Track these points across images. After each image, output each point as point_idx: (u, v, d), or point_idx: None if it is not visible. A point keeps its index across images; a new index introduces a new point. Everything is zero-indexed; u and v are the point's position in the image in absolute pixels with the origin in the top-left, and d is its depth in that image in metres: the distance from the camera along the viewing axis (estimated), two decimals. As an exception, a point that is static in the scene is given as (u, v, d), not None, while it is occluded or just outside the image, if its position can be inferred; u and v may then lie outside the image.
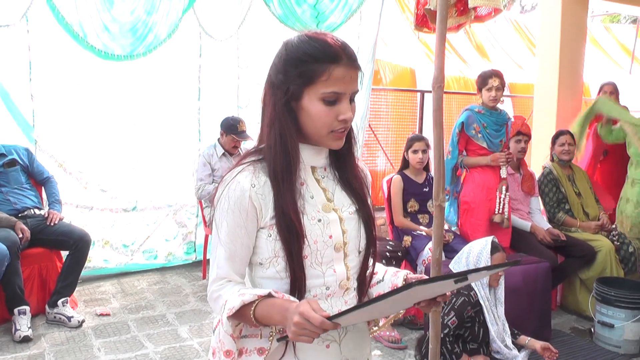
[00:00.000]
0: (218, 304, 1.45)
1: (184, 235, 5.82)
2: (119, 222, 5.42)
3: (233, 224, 1.43)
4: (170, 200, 5.69)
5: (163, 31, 5.21)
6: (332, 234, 1.48)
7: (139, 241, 5.56)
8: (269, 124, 1.46)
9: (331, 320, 1.26)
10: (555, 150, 5.11)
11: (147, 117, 5.40)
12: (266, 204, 1.44)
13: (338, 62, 1.40)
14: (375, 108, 7.35)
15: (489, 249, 3.34)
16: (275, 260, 1.46)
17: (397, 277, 1.60)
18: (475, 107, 4.53)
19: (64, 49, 4.91)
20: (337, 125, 1.44)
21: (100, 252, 5.31)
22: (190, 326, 4.37)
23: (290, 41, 1.47)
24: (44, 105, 4.93)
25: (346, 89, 1.42)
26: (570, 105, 6.50)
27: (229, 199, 1.43)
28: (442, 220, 2.45)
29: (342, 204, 1.54)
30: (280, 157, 1.43)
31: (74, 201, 5.17)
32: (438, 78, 2.40)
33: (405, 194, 4.62)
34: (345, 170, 1.57)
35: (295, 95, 1.42)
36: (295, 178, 1.45)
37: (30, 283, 4.39)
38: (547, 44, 6.50)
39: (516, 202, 4.87)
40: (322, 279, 1.48)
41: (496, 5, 2.94)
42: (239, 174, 1.45)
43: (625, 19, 15.79)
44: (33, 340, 4.02)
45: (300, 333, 1.27)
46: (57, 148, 5.06)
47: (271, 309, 1.36)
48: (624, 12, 11.29)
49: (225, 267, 1.46)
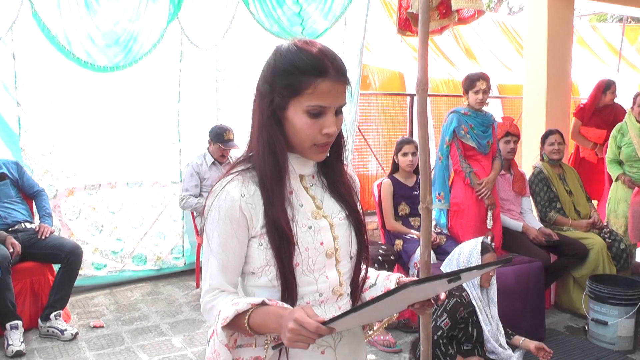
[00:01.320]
0: (212, 314, 1.44)
1: (170, 239, 5.83)
2: (106, 227, 5.47)
3: (224, 234, 1.43)
4: (154, 202, 5.72)
5: (148, 42, 5.27)
6: (323, 240, 1.48)
7: (128, 247, 5.58)
8: (257, 132, 1.46)
9: (326, 325, 1.26)
10: (545, 150, 5.13)
11: (129, 120, 5.46)
12: (256, 213, 1.43)
13: (325, 76, 1.39)
14: (365, 113, 7.36)
15: (479, 249, 3.34)
16: (267, 269, 1.45)
17: (389, 280, 1.60)
18: (461, 109, 4.55)
19: (48, 57, 4.97)
20: (320, 138, 1.42)
21: (90, 258, 5.33)
22: (184, 336, 4.35)
23: (279, 50, 1.45)
24: (30, 111, 4.97)
25: (331, 103, 1.41)
26: (559, 105, 6.54)
27: (219, 209, 1.43)
28: (430, 223, 2.45)
29: (332, 210, 1.54)
30: (269, 165, 1.43)
31: (61, 205, 5.23)
32: (422, 81, 2.41)
33: (396, 197, 4.62)
34: (333, 178, 1.57)
35: (280, 105, 1.42)
36: (285, 186, 1.45)
37: (22, 297, 4.37)
38: (534, 44, 6.54)
39: (507, 203, 4.88)
40: (315, 285, 1.48)
41: (478, 7, 2.95)
42: (228, 183, 1.44)
43: (612, 18, 15.90)
44: (26, 355, 4.00)
45: (296, 339, 1.26)
46: (43, 154, 5.10)
47: (265, 317, 1.36)
48: (611, 11, 11.36)
49: (218, 278, 1.46)
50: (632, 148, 5.10)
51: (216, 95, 5.89)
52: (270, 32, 5.72)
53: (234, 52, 5.81)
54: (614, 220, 5.16)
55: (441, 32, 3.33)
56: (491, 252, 3.40)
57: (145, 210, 5.67)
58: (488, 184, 4.50)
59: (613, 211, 5.19)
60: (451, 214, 4.64)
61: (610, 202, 5.24)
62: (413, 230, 4.55)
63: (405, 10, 3.17)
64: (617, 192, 5.21)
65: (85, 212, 5.36)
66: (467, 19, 3.25)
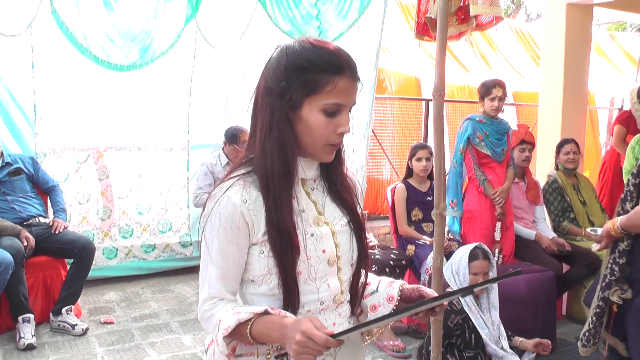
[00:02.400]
0: (211, 323, 1.41)
1: (177, 227, 5.92)
2: (115, 212, 5.59)
3: (225, 241, 1.39)
4: (162, 189, 5.81)
5: (165, 41, 5.34)
6: (326, 248, 1.45)
7: (137, 233, 5.70)
8: (265, 133, 1.39)
9: (335, 338, 1.24)
10: (560, 159, 5.09)
11: (142, 112, 5.55)
12: (258, 219, 1.39)
13: (342, 74, 1.37)
14: (380, 117, 7.36)
15: (467, 257, 3.35)
16: (269, 277, 1.41)
17: (392, 287, 1.57)
18: (477, 116, 4.54)
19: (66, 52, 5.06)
20: (334, 138, 1.40)
21: (100, 244, 5.43)
22: (194, 334, 4.37)
23: (291, 46, 1.40)
24: (45, 100, 5.08)
25: (348, 101, 1.39)
26: (575, 114, 6.50)
27: (220, 215, 1.38)
28: (443, 229, 2.45)
29: (333, 216, 1.50)
30: (278, 167, 1.38)
31: (73, 192, 5.35)
32: (438, 86, 2.41)
33: (409, 202, 4.61)
34: (335, 181, 1.53)
35: (294, 104, 1.37)
36: (293, 190, 1.41)
37: (35, 291, 4.40)
38: (552, 52, 6.51)
39: (521, 211, 4.86)
40: (317, 294, 1.45)
41: (497, 13, 2.95)
42: (229, 189, 1.39)
43: (631, 27, 15.78)
44: (37, 348, 4.03)
45: (303, 352, 1.24)
46: (57, 139, 5.22)
47: (268, 326, 1.33)
48: (630, 20, 11.27)
49: (217, 286, 1.41)
50: None
51: (226, 90, 5.95)
52: (287, 35, 5.74)
53: (250, 54, 5.85)
54: None
55: (459, 37, 3.32)
56: (481, 259, 3.38)
57: (153, 197, 5.77)
58: (502, 193, 4.48)
59: None
60: (464, 221, 4.62)
61: None
62: (425, 236, 4.53)
63: (424, 15, 3.17)
64: None
65: (95, 197, 5.48)
66: (485, 25, 3.24)
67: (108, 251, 5.52)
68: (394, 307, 1.53)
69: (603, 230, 2.94)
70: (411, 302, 1.52)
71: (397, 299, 1.53)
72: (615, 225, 2.85)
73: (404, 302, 1.54)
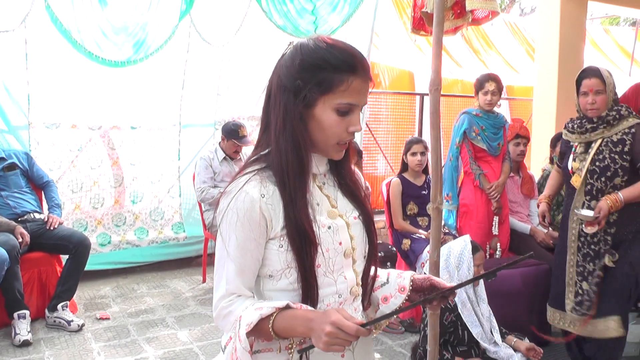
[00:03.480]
0: (228, 320, 1.40)
1: (169, 215, 5.97)
2: (107, 201, 5.63)
3: (243, 236, 1.38)
4: (152, 178, 5.86)
5: (160, 37, 5.33)
6: (342, 240, 1.46)
7: (129, 221, 5.74)
8: (279, 129, 1.41)
9: (365, 327, 1.27)
10: (556, 153, 5.08)
11: (135, 104, 5.57)
12: (276, 214, 1.39)
13: (356, 73, 1.38)
14: (374, 111, 7.36)
15: (470, 248, 3.33)
16: (288, 272, 1.41)
17: (403, 278, 1.58)
18: (473, 110, 4.54)
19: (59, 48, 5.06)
20: (345, 136, 1.42)
21: (93, 232, 5.48)
22: (190, 330, 4.37)
23: (305, 45, 1.42)
24: (39, 89, 5.09)
25: (360, 101, 1.41)
26: (569, 108, 6.45)
27: (238, 210, 1.37)
28: (440, 223, 2.45)
29: (346, 209, 1.52)
30: (292, 163, 1.39)
31: (66, 181, 5.38)
32: (435, 81, 2.41)
33: (404, 196, 4.62)
34: (344, 176, 1.55)
35: (308, 102, 1.39)
36: (307, 185, 1.42)
37: (30, 287, 4.40)
38: (546, 46, 6.51)
39: (515, 205, 4.86)
40: (335, 287, 1.46)
41: (493, 8, 2.94)
42: (246, 184, 1.39)
43: (625, 21, 15.81)
44: (33, 345, 4.03)
45: (333, 342, 1.26)
46: (48, 127, 5.23)
47: (293, 321, 1.33)
48: (624, 14, 11.28)
49: (236, 282, 1.41)
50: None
51: (218, 82, 5.96)
52: (282, 30, 5.74)
53: (244, 49, 5.85)
54: None
55: (455, 32, 3.32)
56: (480, 251, 3.40)
57: (145, 186, 5.80)
58: (498, 188, 4.49)
59: None
60: (460, 214, 4.63)
61: None
62: (421, 230, 4.54)
63: (419, 9, 3.16)
64: None
65: (87, 186, 5.50)
66: (481, 20, 3.23)
67: (102, 237, 5.54)
68: (405, 297, 1.55)
69: (603, 210, 3.25)
70: (422, 292, 1.56)
71: (408, 289, 1.55)
72: (618, 199, 3.25)
73: (415, 292, 1.56)
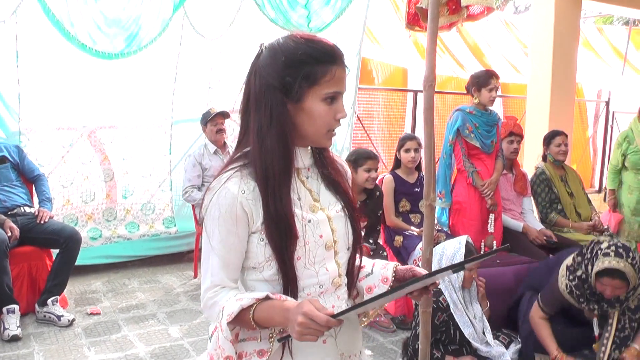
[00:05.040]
0: (214, 310, 1.46)
1: (160, 209, 5.96)
2: (98, 195, 5.60)
3: (225, 231, 1.44)
4: (144, 172, 5.84)
5: (153, 30, 5.30)
6: (322, 233, 1.50)
7: (120, 215, 5.73)
8: (264, 127, 1.44)
9: (335, 318, 1.29)
10: (551, 151, 5.07)
11: (127, 98, 5.54)
12: (257, 209, 1.44)
13: (337, 63, 1.45)
14: (367, 108, 7.36)
15: (463, 252, 3.33)
16: (269, 264, 1.47)
17: (386, 269, 1.63)
18: (466, 107, 4.53)
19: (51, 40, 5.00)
20: (334, 124, 1.48)
21: (84, 228, 5.44)
22: (181, 325, 4.34)
23: (284, 44, 1.46)
24: (30, 88, 5.02)
25: (343, 88, 1.47)
26: (563, 106, 6.53)
27: (220, 206, 1.43)
28: (433, 220, 2.44)
29: (329, 202, 1.56)
30: (278, 160, 1.43)
31: (56, 176, 5.34)
32: (429, 77, 2.40)
33: (397, 193, 4.61)
34: (326, 167, 1.60)
35: (297, 97, 1.43)
36: (291, 180, 1.47)
37: (20, 282, 4.35)
38: (540, 44, 6.52)
39: (508, 203, 4.87)
40: (316, 278, 1.51)
41: (488, 4, 2.93)
42: (227, 180, 1.45)
43: (618, 20, 15.84)
44: (22, 340, 3.99)
45: (305, 332, 1.29)
46: (40, 123, 5.18)
47: (271, 311, 1.38)
48: (617, 13, 11.31)
49: (220, 275, 1.46)
50: (639, 155, 5.16)
51: (210, 75, 5.95)
52: (275, 24, 5.72)
53: (238, 42, 5.83)
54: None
55: (450, 28, 3.30)
56: (474, 254, 3.38)
57: (136, 180, 5.78)
58: (491, 185, 4.49)
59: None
60: (453, 212, 4.63)
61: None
62: (413, 227, 4.54)
63: (414, 5, 3.15)
64: (621, 197, 5.37)
65: (78, 181, 5.47)
66: (477, 16, 3.22)
67: (93, 232, 5.52)
68: (388, 287, 1.60)
69: None
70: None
71: (391, 280, 1.61)
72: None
73: (398, 283, 1.60)
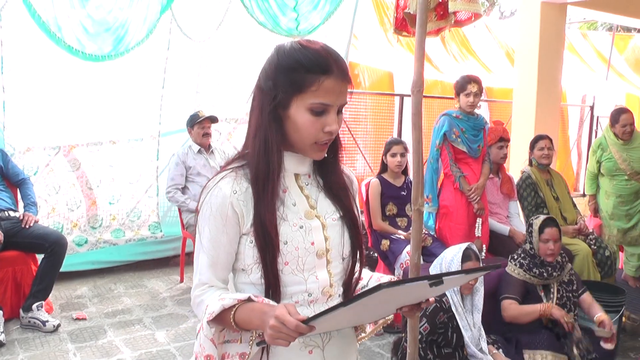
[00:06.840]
0: (200, 308, 1.46)
1: (146, 214, 5.96)
2: (85, 201, 5.58)
3: (215, 230, 1.44)
4: (131, 178, 5.84)
5: (140, 32, 5.28)
6: (314, 240, 1.48)
7: (105, 222, 5.71)
8: (255, 130, 1.46)
9: (306, 324, 1.26)
10: (534, 155, 5.10)
11: (115, 105, 5.53)
12: (248, 210, 1.44)
13: (329, 74, 1.40)
14: (354, 112, 7.36)
15: (460, 257, 3.32)
16: (257, 267, 1.46)
17: (379, 282, 1.57)
18: (453, 112, 4.54)
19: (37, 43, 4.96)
20: (322, 136, 1.44)
21: (69, 236, 5.38)
22: (167, 330, 4.32)
23: (282, 47, 1.46)
24: (15, 96, 4.99)
25: (334, 101, 1.42)
26: (548, 110, 6.57)
27: (211, 205, 1.44)
28: (421, 225, 2.45)
29: (326, 210, 1.54)
30: (262, 164, 1.44)
31: (42, 185, 5.31)
32: (417, 82, 2.40)
33: (384, 197, 4.62)
34: (329, 178, 1.57)
35: (283, 103, 1.42)
36: (276, 186, 1.45)
37: (4, 286, 4.32)
38: (526, 50, 6.57)
39: (495, 206, 4.89)
40: (304, 285, 1.48)
41: (476, 10, 2.95)
42: (221, 180, 1.45)
43: (602, 26, 16.00)
44: (6, 346, 3.96)
45: (276, 336, 1.27)
46: (26, 131, 5.15)
47: (250, 313, 1.37)
48: (601, 19, 11.42)
49: (208, 274, 1.47)
50: (613, 162, 5.31)
51: (197, 80, 5.97)
52: (264, 27, 5.73)
53: (225, 45, 5.83)
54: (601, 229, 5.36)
55: (437, 34, 3.31)
56: (473, 260, 3.37)
57: (123, 187, 5.77)
58: (477, 190, 4.50)
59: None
60: (439, 216, 4.64)
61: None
62: (400, 230, 4.54)
63: (402, 10, 3.16)
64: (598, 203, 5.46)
65: (65, 189, 5.44)
66: (464, 22, 3.23)
67: (78, 238, 5.49)
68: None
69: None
70: None
71: None
72: None
73: None
